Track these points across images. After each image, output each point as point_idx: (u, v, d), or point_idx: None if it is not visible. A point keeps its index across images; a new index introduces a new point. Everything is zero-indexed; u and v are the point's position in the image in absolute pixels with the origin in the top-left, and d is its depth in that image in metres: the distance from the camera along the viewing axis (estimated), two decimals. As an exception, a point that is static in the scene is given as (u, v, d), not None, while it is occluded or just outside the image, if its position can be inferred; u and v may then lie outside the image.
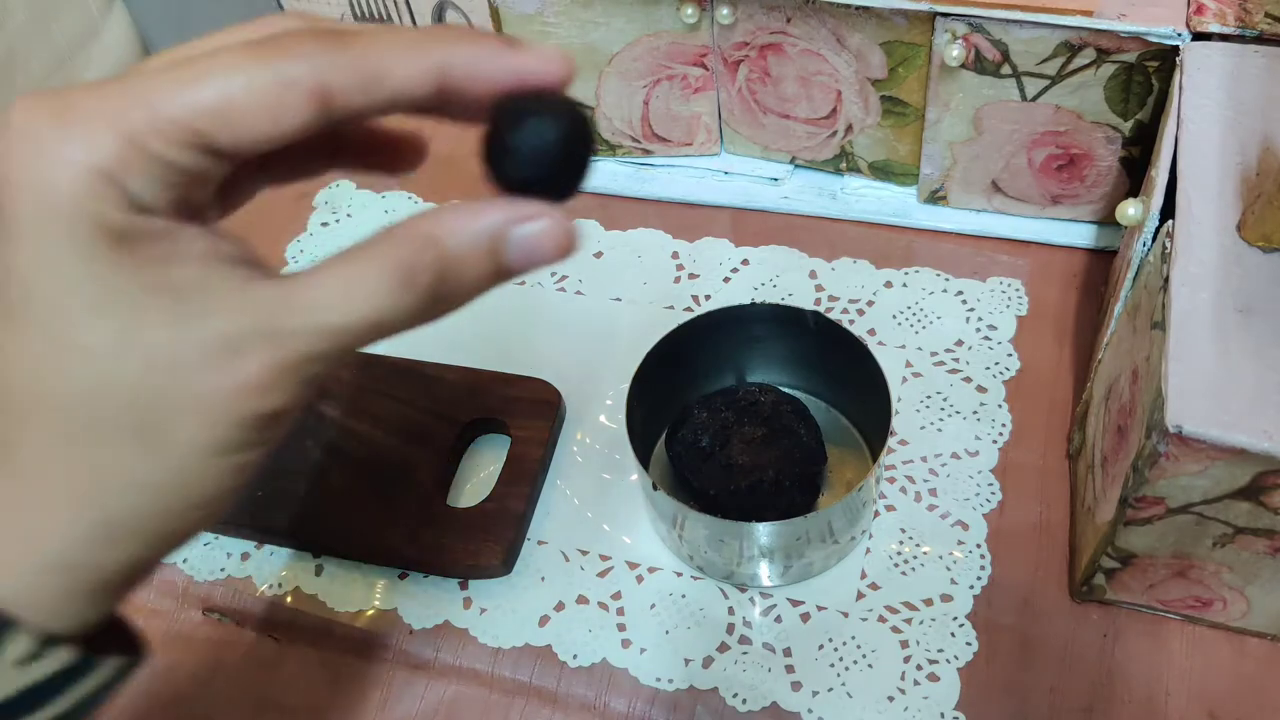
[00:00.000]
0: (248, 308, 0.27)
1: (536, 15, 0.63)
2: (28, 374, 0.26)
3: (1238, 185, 0.46)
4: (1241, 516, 0.43)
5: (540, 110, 0.28)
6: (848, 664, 0.51)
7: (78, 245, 0.25)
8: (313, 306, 0.27)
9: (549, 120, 0.28)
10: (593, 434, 0.60)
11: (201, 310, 0.26)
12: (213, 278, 0.27)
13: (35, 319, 0.26)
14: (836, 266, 0.65)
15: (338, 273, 0.27)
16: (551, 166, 0.28)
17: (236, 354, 0.26)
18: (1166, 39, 0.53)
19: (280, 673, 0.54)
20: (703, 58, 0.64)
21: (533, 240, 0.29)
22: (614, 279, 0.66)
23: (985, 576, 0.53)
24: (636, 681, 0.52)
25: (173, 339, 0.26)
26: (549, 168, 0.28)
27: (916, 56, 0.59)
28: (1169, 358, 0.41)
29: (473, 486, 0.58)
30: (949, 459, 0.57)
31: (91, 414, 0.26)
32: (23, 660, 0.26)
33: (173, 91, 0.26)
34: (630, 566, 0.55)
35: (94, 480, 0.27)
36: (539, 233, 0.29)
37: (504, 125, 0.28)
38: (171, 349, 0.26)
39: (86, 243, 0.25)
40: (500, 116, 0.28)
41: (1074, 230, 0.65)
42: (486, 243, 0.28)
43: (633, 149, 0.69)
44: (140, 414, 0.26)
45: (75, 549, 0.27)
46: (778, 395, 0.56)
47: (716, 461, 0.54)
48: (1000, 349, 0.61)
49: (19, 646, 0.26)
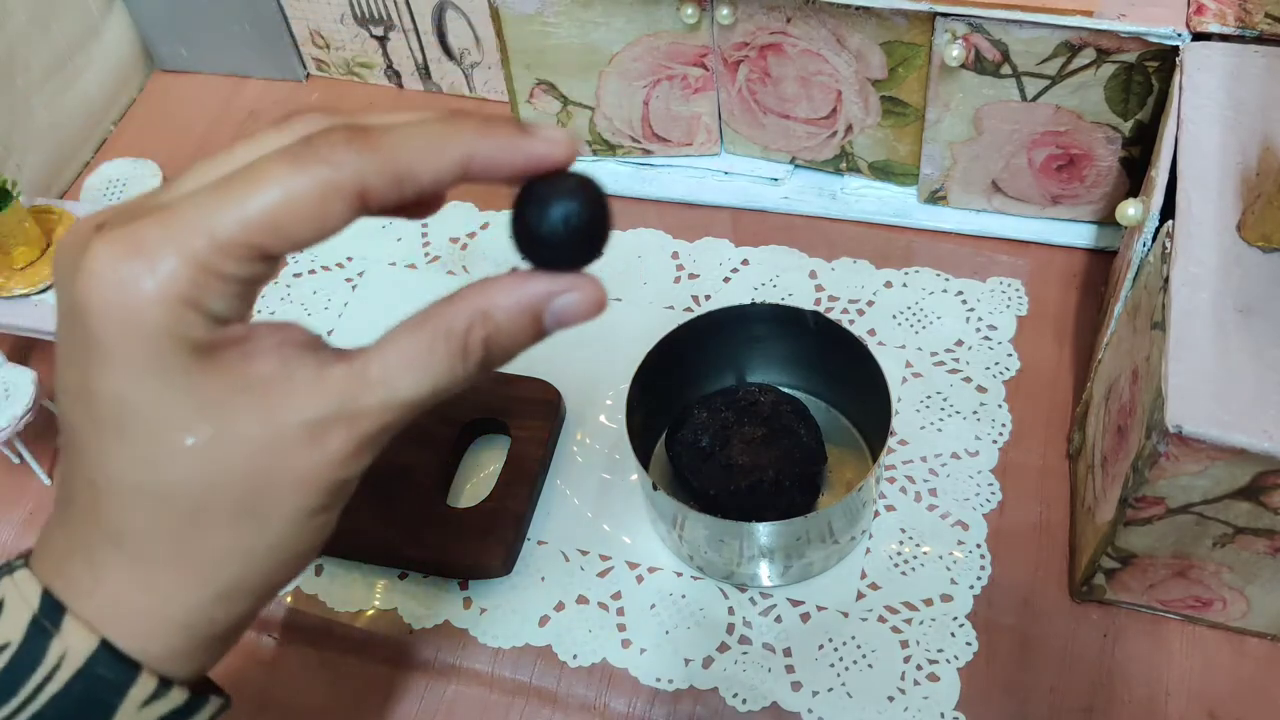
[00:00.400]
0: (327, 392, 0.30)
1: (536, 15, 0.63)
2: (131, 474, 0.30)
3: (1238, 185, 0.46)
4: (1241, 516, 0.43)
5: (560, 195, 0.31)
6: (848, 664, 0.51)
7: (167, 364, 0.28)
8: (382, 383, 0.30)
9: (568, 204, 0.31)
10: (593, 434, 0.60)
11: (286, 401, 0.30)
12: (291, 367, 0.30)
13: (135, 429, 0.29)
14: (836, 266, 0.65)
15: (401, 349, 0.31)
16: (574, 245, 0.32)
17: (322, 435, 0.30)
18: (1166, 39, 0.53)
19: (280, 673, 0.54)
20: (703, 58, 0.63)
21: (570, 309, 0.32)
22: (614, 279, 0.65)
23: (985, 576, 0.53)
24: (636, 681, 0.52)
25: (265, 430, 0.30)
26: (572, 246, 0.32)
27: (916, 56, 0.59)
28: (1169, 358, 0.41)
29: (473, 486, 0.58)
30: (949, 459, 0.57)
31: (199, 501, 0.30)
32: (146, 700, 0.31)
33: (229, 212, 0.28)
34: (630, 566, 0.55)
35: (207, 556, 0.31)
36: (575, 302, 0.32)
37: (529, 211, 0.31)
38: (265, 438, 0.30)
39: (175, 360, 0.28)
40: (525, 203, 0.32)
41: (1074, 230, 0.65)
42: (530, 315, 0.32)
43: (633, 149, 0.69)
44: (242, 496, 0.30)
45: (195, 613, 0.31)
46: (778, 395, 0.56)
47: (716, 461, 0.54)
48: (1000, 349, 0.61)
49: (144, 689, 0.31)
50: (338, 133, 0.29)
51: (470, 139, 0.31)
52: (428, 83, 0.78)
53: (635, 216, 0.69)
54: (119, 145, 0.78)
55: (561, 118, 0.68)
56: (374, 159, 0.29)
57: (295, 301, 0.67)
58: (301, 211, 0.28)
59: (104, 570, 0.31)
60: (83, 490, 0.31)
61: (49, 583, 0.31)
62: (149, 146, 0.74)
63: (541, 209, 0.31)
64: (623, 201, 0.70)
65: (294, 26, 0.77)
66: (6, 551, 0.59)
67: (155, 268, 0.28)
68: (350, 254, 0.68)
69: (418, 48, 0.75)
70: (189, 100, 0.80)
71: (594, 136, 0.69)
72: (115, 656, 0.31)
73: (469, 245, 0.68)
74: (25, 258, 0.60)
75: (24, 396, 0.57)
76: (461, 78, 0.76)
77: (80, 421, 0.30)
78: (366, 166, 0.29)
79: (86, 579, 0.31)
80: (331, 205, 0.29)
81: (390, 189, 0.29)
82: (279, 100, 0.79)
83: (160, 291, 0.28)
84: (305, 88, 0.80)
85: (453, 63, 0.76)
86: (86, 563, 0.31)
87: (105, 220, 0.29)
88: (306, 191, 0.28)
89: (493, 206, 0.70)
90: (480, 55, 0.74)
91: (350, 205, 0.29)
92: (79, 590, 0.31)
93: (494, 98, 0.76)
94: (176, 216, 0.28)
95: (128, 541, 0.31)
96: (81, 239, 0.29)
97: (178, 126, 0.79)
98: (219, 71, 0.81)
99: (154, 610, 0.31)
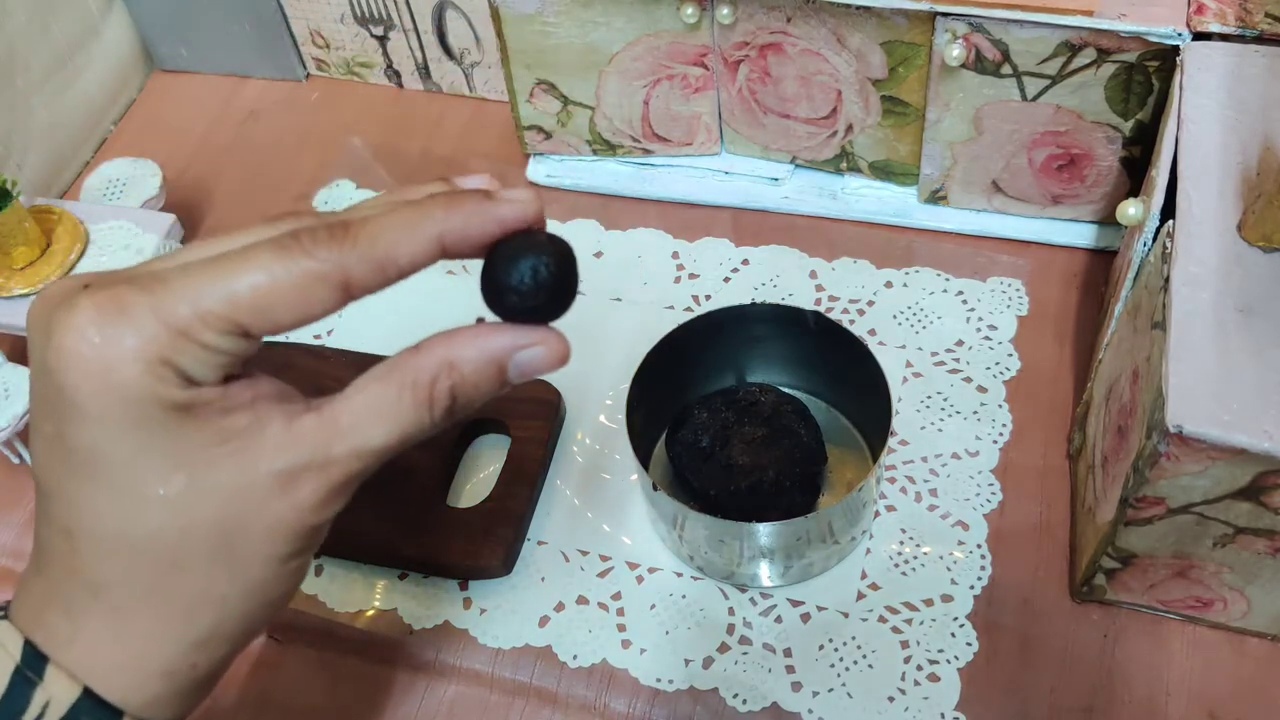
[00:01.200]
0: (297, 444, 0.31)
1: (537, 15, 0.63)
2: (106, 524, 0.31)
3: (1238, 185, 0.46)
4: (1242, 516, 0.43)
5: (527, 252, 0.33)
6: (848, 664, 0.51)
7: (142, 419, 0.30)
8: (351, 432, 0.32)
9: (535, 260, 0.33)
10: (593, 434, 0.60)
11: (258, 452, 0.31)
12: (263, 420, 0.31)
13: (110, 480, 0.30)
14: (837, 266, 0.65)
15: (368, 399, 0.32)
16: (540, 299, 0.34)
17: (293, 483, 0.31)
18: (1167, 39, 0.53)
19: (280, 673, 0.54)
20: (703, 58, 0.63)
21: (534, 362, 0.35)
22: (614, 279, 0.66)
23: (985, 577, 0.53)
24: (636, 682, 0.52)
25: (238, 480, 0.31)
26: (538, 301, 0.34)
27: (917, 56, 0.59)
28: (1169, 358, 0.41)
29: (473, 486, 0.58)
30: (949, 459, 0.57)
31: (174, 550, 0.31)
32: None
33: (214, 287, 0.30)
34: (630, 566, 0.55)
35: (183, 603, 0.32)
36: (539, 356, 0.34)
37: (498, 266, 0.33)
38: (238, 488, 0.31)
39: (150, 415, 0.30)
40: (494, 258, 0.34)
41: (1074, 230, 0.65)
42: (494, 367, 0.34)
43: (633, 149, 0.69)
44: (216, 544, 0.31)
45: (174, 660, 0.32)
46: (778, 395, 0.56)
47: (717, 461, 0.54)
48: (1000, 349, 0.61)
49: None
50: (321, 230, 0.31)
51: (440, 217, 0.32)
52: (428, 82, 0.78)
53: (635, 216, 0.69)
54: (119, 145, 0.78)
55: (562, 117, 0.68)
56: (353, 252, 0.31)
57: (295, 301, 0.67)
58: (283, 296, 0.30)
59: (83, 619, 0.32)
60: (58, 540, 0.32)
61: (29, 633, 0.32)
62: (149, 146, 0.74)
63: (509, 264, 0.33)
64: (623, 201, 0.70)
65: (294, 26, 0.77)
66: (6, 552, 0.59)
67: (138, 328, 0.29)
68: (350, 254, 0.68)
69: (418, 47, 0.75)
70: (189, 100, 0.80)
71: (594, 136, 0.69)
72: (98, 704, 0.31)
73: (469, 245, 0.68)
74: (25, 258, 0.60)
75: (24, 396, 0.57)
76: (461, 77, 0.76)
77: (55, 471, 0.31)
78: (347, 258, 0.31)
79: (65, 628, 0.32)
80: (314, 293, 0.30)
81: (373, 276, 0.31)
82: (279, 100, 0.79)
83: (140, 351, 0.29)
84: (305, 87, 0.80)
85: (453, 62, 0.76)
86: (65, 612, 0.32)
87: (92, 281, 0.30)
88: (289, 278, 0.30)
89: (493, 206, 0.70)
90: (480, 55, 0.74)
91: (333, 294, 0.31)
92: (59, 639, 0.32)
93: (494, 98, 0.76)
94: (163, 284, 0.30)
95: (105, 590, 0.31)
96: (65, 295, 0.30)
97: (178, 126, 0.79)
98: (219, 71, 0.81)
99: (134, 658, 0.32)
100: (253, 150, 0.77)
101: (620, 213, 0.69)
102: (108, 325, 0.29)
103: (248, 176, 0.75)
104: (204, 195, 0.74)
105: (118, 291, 0.30)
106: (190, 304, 0.30)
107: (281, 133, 0.77)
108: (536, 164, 0.71)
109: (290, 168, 0.74)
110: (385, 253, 0.31)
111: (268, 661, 0.55)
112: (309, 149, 0.76)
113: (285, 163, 0.75)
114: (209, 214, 0.73)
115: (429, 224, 0.32)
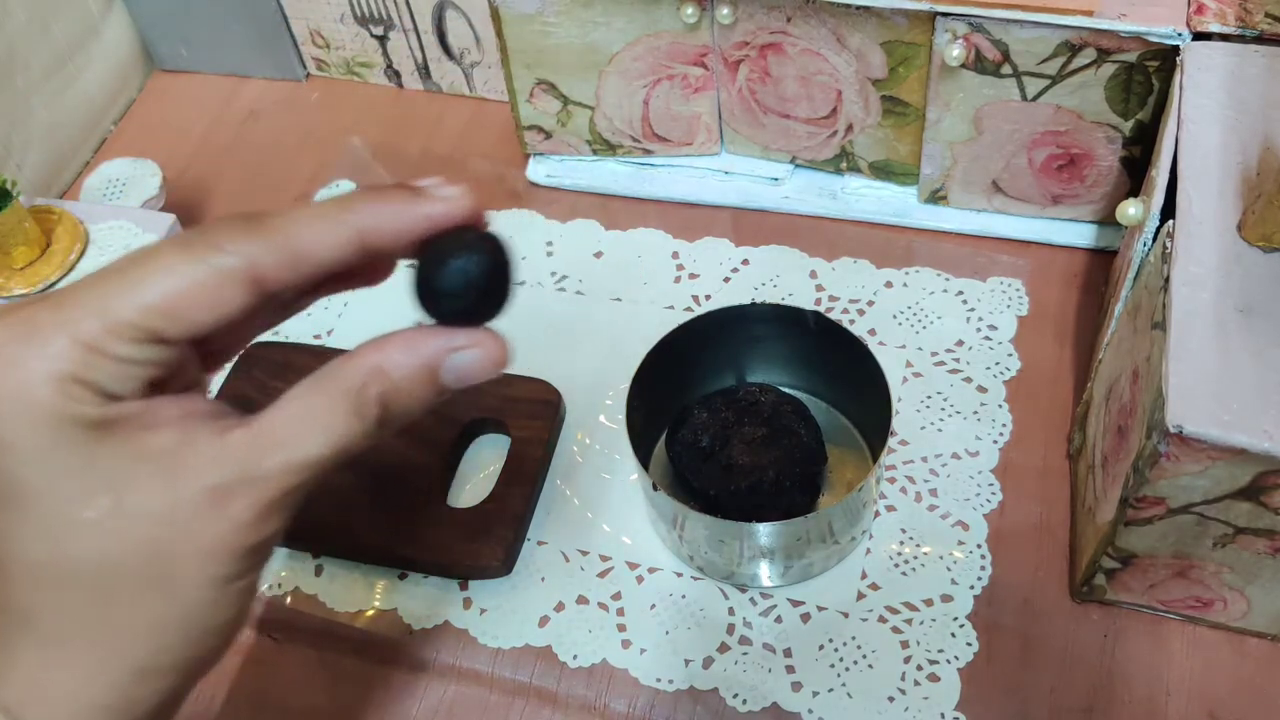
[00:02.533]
0: (227, 458, 0.30)
1: (537, 15, 0.63)
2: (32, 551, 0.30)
3: (1238, 185, 0.46)
4: (1242, 516, 0.43)
5: (458, 252, 0.32)
6: (848, 664, 0.51)
7: (60, 441, 0.29)
8: (282, 444, 0.30)
9: (466, 262, 0.32)
10: (593, 434, 0.60)
11: (186, 469, 0.30)
12: (191, 436, 0.30)
13: (32, 506, 0.29)
14: (837, 266, 0.65)
15: (298, 410, 0.31)
16: (473, 301, 0.32)
17: (225, 500, 0.30)
18: (1167, 39, 0.53)
19: (280, 673, 0.54)
20: (703, 57, 0.63)
21: (466, 366, 0.33)
22: (614, 279, 0.66)
23: (985, 577, 0.53)
24: (636, 682, 0.52)
25: (165, 499, 0.29)
26: (471, 303, 0.32)
27: (917, 56, 0.59)
28: (1169, 358, 0.41)
29: (473, 486, 0.58)
30: (949, 459, 0.57)
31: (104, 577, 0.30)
32: None
33: (121, 296, 0.29)
34: (630, 566, 0.55)
35: (118, 632, 0.30)
36: (471, 359, 0.33)
37: (427, 269, 0.32)
38: (166, 508, 0.29)
39: (67, 436, 0.29)
40: (424, 258, 0.32)
41: (1074, 230, 0.65)
42: (426, 372, 0.32)
43: (633, 149, 0.69)
44: (147, 567, 0.30)
45: (110, 693, 0.30)
46: (778, 395, 0.56)
47: (717, 462, 0.54)
48: (1000, 349, 0.61)
49: None
50: (230, 224, 0.30)
51: (361, 210, 0.31)
52: (428, 82, 0.78)
53: (635, 216, 0.69)
54: (119, 145, 0.78)
55: (561, 117, 0.68)
56: (264, 242, 0.30)
57: (295, 301, 0.67)
58: (194, 296, 0.29)
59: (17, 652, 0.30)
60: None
61: None
62: (149, 146, 0.74)
63: (439, 264, 0.32)
64: (623, 201, 0.70)
65: (294, 26, 0.77)
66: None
67: (45, 348, 0.28)
68: (350, 254, 0.68)
69: (418, 47, 0.75)
70: (189, 100, 0.80)
71: (594, 136, 0.69)
72: None
73: (469, 245, 0.68)
74: (25, 258, 0.60)
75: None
76: (461, 77, 0.76)
77: None
78: (256, 249, 0.30)
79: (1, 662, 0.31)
80: (224, 290, 0.29)
81: (285, 269, 0.30)
82: (279, 100, 0.79)
83: (50, 371, 0.28)
84: (305, 87, 0.80)
85: (453, 62, 0.76)
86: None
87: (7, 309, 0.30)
88: (198, 276, 0.29)
89: (492, 206, 0.70)
90: (480, 55, 0.74)
91: (245, 289, 0.30)
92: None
93: (494, 98, 0.76)
94: (69, 299, 0.29)
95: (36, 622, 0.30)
96: None
97: (178, 126, 0.79)
98: (219, 71, 0.81)
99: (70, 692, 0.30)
100: (253, 150, 0.77)
101: (620, 213, 0.69)
102: (18, 347, 0.28)
103: (248, 176, 0.75)
104: (204, 195, 0.74)
105: (28, 313, 0.29)
106: (98, 316, 0.29)
107: (281, 133, 0.77)
108: (536, 164, 0.71)
109: (290, 168, 0.74)
110: (298, 246, 0.30)
111: (267, 661, 0.55)
112: (309, 149, 0.76)
113: (285, 163, 0.75)
114: (209, 214, 0.73)
115: (349, 217, 0.31)
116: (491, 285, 0.32)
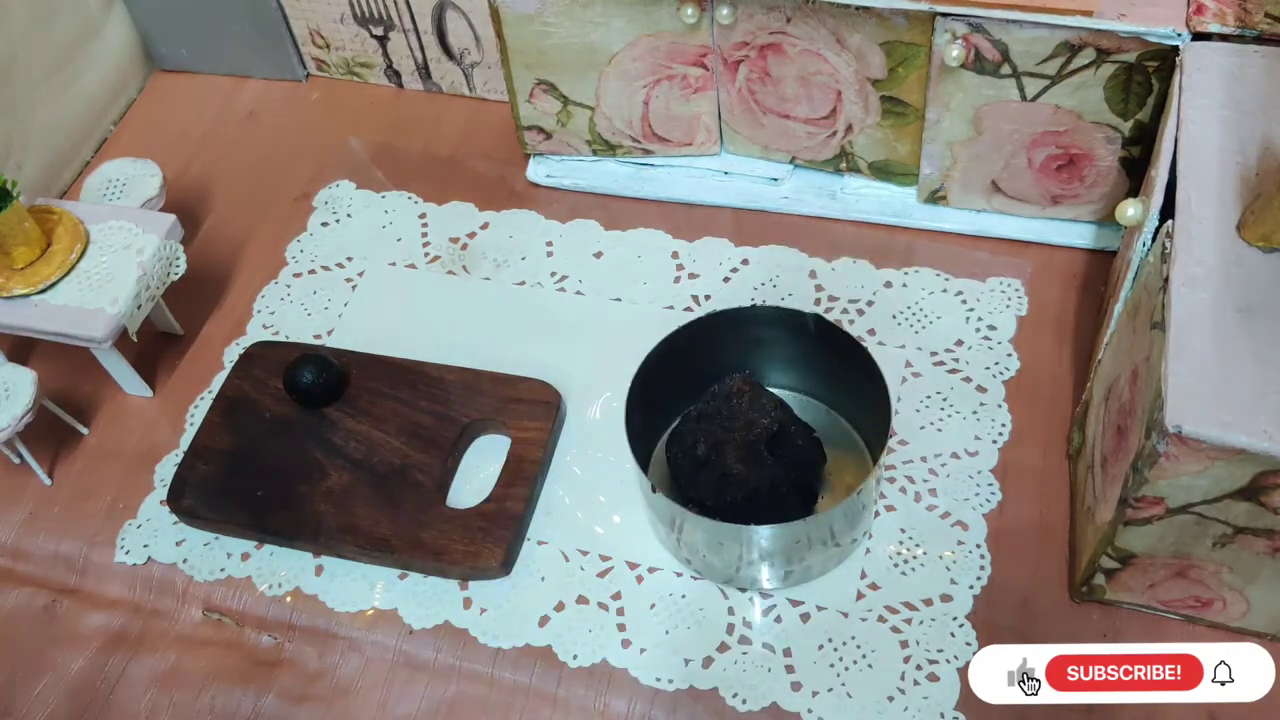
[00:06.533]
0: None
1: (536, 15, 0.63)
2: None
3: (1238, 185, 0.46)
4: (1241, 516, 0.43)
5: (296, 367, 0.60)
6: (848, 664, 0.51)
7: None
8: None
9: (300, 373, 0.59)
10: (593, 434, 0.60)
11: None
12: None
13: None
14: (836, 266, 0.65)
15: None
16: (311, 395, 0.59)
17: None
18: (1166, 39, 0.53)
19: (280, 673, 0.54)
20: (703, 58, 0.63)
21: None
22: (614, 279, 0.66)
23: (985, 576, 0.53)
24: (636, 682, 0.52)
25: None
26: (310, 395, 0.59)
27: (916, 56, 0.59)
28: (1169, 358, 0.41)
29: (473, 486, 0.58)
30: (949, 459, 0.57)
31: None
32: None
33: None
34: (630, 566, 0.55)
35: None
36: None
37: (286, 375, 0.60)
38: None
39: None
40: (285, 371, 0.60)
41: (1074, 230, 0.65)
42: None
43: (633, 149, 0.69)
44: None
45: None
46: (774, 400, 0.56)
47: (712, 471, 0.53)
48: (1000, 349, 0.61)
49: None
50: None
51: None
52: (428, 82, 0.78)
53: (635, 216, 0.69)
54: (119, 145, 0.78)
55: (561, 117, 0.68)
56: None
57: (295, 301, 0.67)
58: None
59: None
60: None
61: None
62: (149, 146, 0.74)
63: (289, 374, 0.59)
64: (623, 201, 0.70)
65: (294, 26, 0.77)
66: (6, 552, 0.59)
67: None
68: (350, 254, 0.68)
69: (418, 47, 0.75)
70: (189, 100, 0.80)
71: (594, 136, 0.69)
72: None
73: (469, 245, 0.68)
74: (25, 258, 0.60)
75: (24, 396, 0.57)
76: (461, 77, 0.76)
77: None
78: None
79: None
80: None
81: None
82: (279, 100, 0.79)
83: None
84: (305, 87, 0.80)
85: (453, 62, 0.76)
86: None
87: None
88: None
89: (493, 207, 0.70)
90: (480, 55, 0.74)
91: None
92: None
93: (494, 98, 0.76)
94: None
95: None
96: None
97: (178, 126, 0.79)
98: (219, 71, 0.81)
99: None
100: (253, 150, 0.77)
101: (620, 213, 0.69)
102: None
103: (248, 176, 0.75)
104: (204, 195, 0.74)
105: None
106: None
107: (281, 133, 0.77)
108: (536, 164, 0.71)
109: (290, 168, 0.74)
110: None
111: (268, 661, 0.55)
112: (309, 149, 0.76)
113: (285, 163, 0.75)
114: (209, 214, 0.73)
115: None
116: (320, 388, 0.59)
